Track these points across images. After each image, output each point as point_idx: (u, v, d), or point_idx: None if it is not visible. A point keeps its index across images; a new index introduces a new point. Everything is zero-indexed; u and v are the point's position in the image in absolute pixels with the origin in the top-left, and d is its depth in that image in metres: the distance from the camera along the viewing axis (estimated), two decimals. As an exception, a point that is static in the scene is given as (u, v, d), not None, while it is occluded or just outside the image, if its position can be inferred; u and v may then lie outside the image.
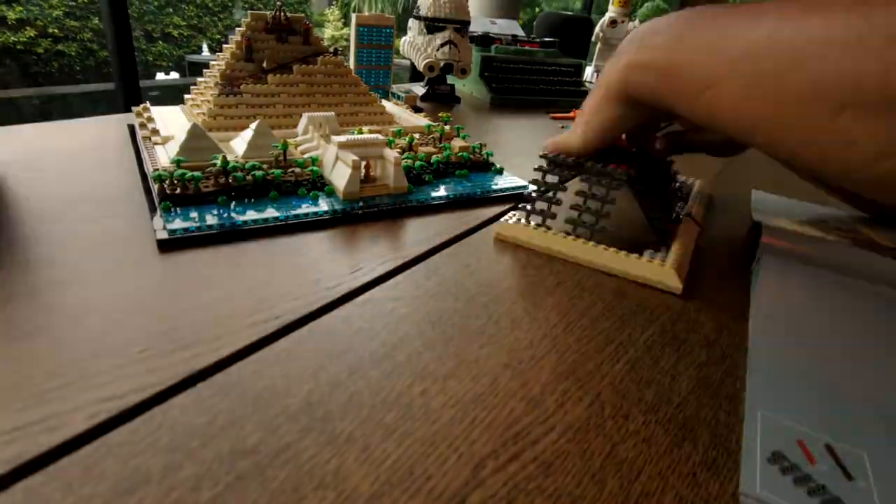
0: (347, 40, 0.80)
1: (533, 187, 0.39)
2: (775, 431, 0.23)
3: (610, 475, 0.21)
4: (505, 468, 0.20)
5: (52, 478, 0.18)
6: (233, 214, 0.37)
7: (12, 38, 5.24)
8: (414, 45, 0.86)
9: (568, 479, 0.20)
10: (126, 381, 0.22)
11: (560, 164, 0.38)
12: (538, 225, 0.38)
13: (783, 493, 0.20)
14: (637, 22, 1.64)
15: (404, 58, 0.92)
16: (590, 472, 0.21)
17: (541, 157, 0.39)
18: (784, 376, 0.27)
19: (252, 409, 0.22)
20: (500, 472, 0.20)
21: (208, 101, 0.53)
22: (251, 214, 0.38)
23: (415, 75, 1.24)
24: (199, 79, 0.60)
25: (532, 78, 1.01)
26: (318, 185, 0.43)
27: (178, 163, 0.40)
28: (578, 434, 0.23)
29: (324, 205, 0.41)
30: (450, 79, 0.89)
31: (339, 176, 0.42)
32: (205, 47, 6.84)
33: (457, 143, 0.56)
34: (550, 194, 0.38)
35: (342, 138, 0.43)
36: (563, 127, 0.83)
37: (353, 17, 0.77)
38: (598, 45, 1.39)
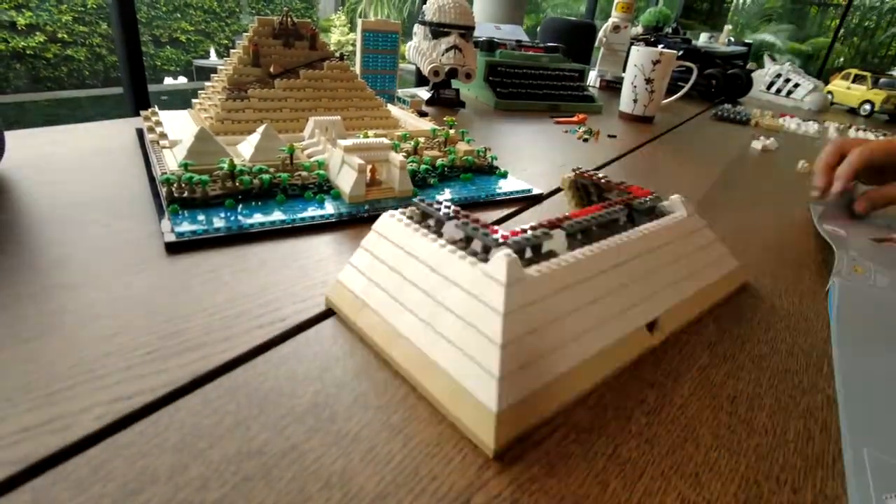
0: (353, 45, 0.81)
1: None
2: (885, 473, 0.21)
3: (613, 475, 0.21)
4: (509, 468, 0.21)
5: (61, 478, 0.18)
6: (240, 217, 0.38)
7: (22, 42, 5.29)
8: (419, 50, 0.86)
9: (571, 480, 0.20)
10: (134, 383, 0.23)
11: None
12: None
13: None
14: (640, 28, 1.63)
15: (410, 63, 0.92)
16: (593, 473, 0.21)
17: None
18: (884, 406, 0.25)
19: (258, 410, 0.22)
20: (505, 472, 0.20)
21: (216, 106, 0.54)
22: (258, 217, 0.38)
23: (420, 80, 1.25)
24: (207, 83, 0.61)
25: (536, 82, 1.01)
26: (325, 188, 0.44)
27: (185, 166, 0.41)
28: (582, 435, 0.23)
29: (330, 208, 0.41)
30: (455, 83, 0.89)
31: (345, 179, 0.43)
32: (212, 52, 6.88)
33: (461, 147, 0.56)
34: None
35: (348, 142, 0.43)
36: (566, 132, 0.83)
37: (359, 22, 0.78)
38: (602, 50, 1.39)
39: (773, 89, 1.66)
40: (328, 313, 0.29)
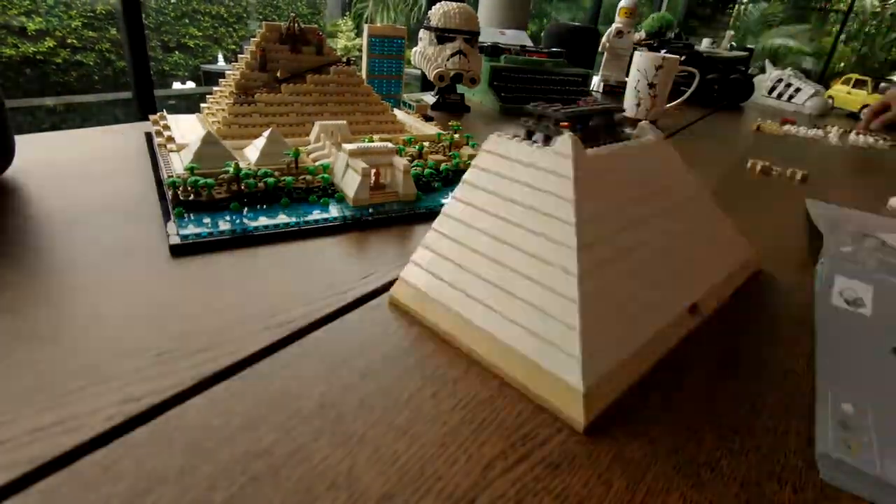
0: (360, 50, 0.81)
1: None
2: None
3: (616, 475, 0.21)
4: (513, 469, 0.21)
5: (71, 478, 0.19)
6: (245, 220, 0.38)
7: (32, 48, 5.33)
8: (425, 56, 0.87)
9: (575, 480, 0.21)
10: (143, 384, 0.23)
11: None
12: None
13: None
14: (643, 33, 1.64)
15: (415, 68, 0.92)
16: (596, 473, 0.21)
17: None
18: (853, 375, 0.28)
19: (266, 411, 0.22)
20: (509, 472, 0.21)
21: (223, 110, 0.54)
22: (263, 220, 0.38)
23: (426, 85, 1.25)
24: (215, 88, 0.61)
25: (540, 87, 1.01)
26: (329, 191, 0.44)
27: (191, 170, 0.41)
28: (585, 435, 0.23)
29: (334, 211, 0.41)
30: (460, 88, 0.90)
31: (350, 183, 0.43)
32: (220, 57, 6.91)
33: (466, 152, 0.56)
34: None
35: (353, 146, 0.44)
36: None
37: (366, 27, 0.78)
38: (605, 55, 1.39)
39: (775, 94, 1.66)
40: (333, 315, 0.30)
